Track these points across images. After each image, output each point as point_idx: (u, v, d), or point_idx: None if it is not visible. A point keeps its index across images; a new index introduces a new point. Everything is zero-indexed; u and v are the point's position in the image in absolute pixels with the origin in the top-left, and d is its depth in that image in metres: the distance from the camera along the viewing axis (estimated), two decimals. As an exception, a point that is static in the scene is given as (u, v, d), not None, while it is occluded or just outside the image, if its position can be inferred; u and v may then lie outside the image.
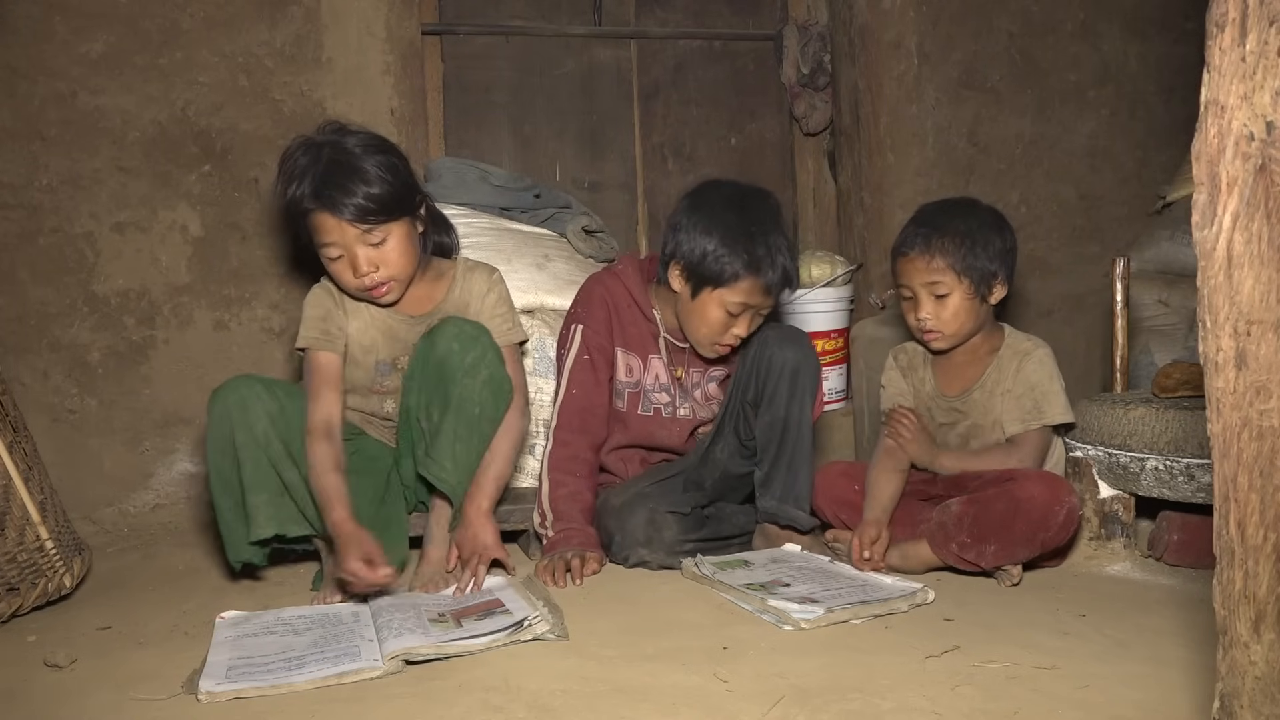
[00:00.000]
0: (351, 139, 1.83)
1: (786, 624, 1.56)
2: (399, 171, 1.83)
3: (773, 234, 1.92)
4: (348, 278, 1.83)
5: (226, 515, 1.78)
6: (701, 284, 1.93)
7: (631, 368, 2.07)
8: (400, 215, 1.83)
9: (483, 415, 1.81)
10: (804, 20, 3.08)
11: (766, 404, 1.94)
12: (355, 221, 1.78)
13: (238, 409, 1.74)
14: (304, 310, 1.90)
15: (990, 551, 1.79)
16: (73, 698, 1.38)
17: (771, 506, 1.95)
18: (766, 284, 1.91)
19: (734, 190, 2.00)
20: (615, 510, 1.94)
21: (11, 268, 2.33)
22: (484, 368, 1.81)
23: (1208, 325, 0.90)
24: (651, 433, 2.09)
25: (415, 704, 1.31)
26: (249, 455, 1.73)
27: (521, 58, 2.94)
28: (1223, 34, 0.86)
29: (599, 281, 2.09)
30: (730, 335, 1.96)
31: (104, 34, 2.35)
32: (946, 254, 1.93)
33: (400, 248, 1.84)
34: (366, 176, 1.78)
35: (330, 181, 1.77)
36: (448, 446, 1.79)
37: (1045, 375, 1.96)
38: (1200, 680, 1.32)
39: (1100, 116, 3.00)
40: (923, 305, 1.97)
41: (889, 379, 2.12)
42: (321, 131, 1.86)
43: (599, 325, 2.03)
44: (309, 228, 1.83)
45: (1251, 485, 0.89)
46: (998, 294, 1.98)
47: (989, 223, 1.98)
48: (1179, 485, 1.85)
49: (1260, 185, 0.86)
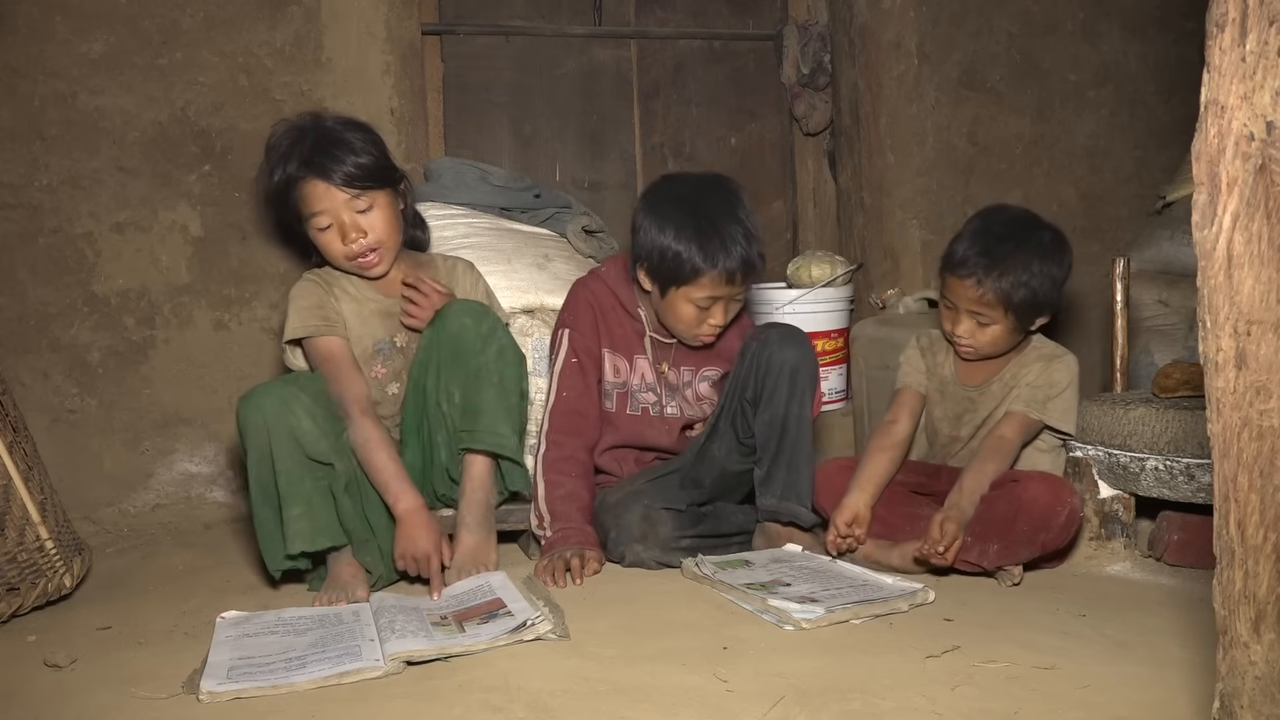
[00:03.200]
0: (329, 119, 1.95)
1: (787, 624, 1.56)
2: (380, 145, 1.95)
3: (726, 224, 1.93)
4: (336, 246, 1.89)
5: (268, 525, 1.76)
6: (667, 283, 1.97)
7: (619, 368, 2.08)
8: (385, 185, 1.92)
9: (504, 383, 1.85)
10: (804, 20, 3.08)
11: (766, 402, 1.94)
12: (345, 185, 1.86)
13: (275, 412, 1.72)
14: (292, 303, 1.92)
15: (992, 551, 1.79)
16: (73, 698, 1.38)
17: (772, 504, 1.95)
18: (728, 275, 1.93)
19: (686, 185, 2.02)
20: (611, 507, 1.95)
21: (11, 268, 2.33)
22: (495, 339, 1.86)
23: (1208, 325, 0.90)
24: (641, 432, 2.10)
25: (415, 704, 1.31)
26: (284, 465, 1.72)
27: (521, 58, 2.94)
28: (1223, 34, 0.86)
29: (583, 285, 2.11)
30: (708, 326, 2.00)
31: (104, 34, 2.35)
32: (1001, 292, 1.89)
33: (385, 216, 1.91)
34: (353, 146, 1.88)
35: (320, 150, 1.86)
36: (499, 414, 1.83)
37: (1066, 380, 1.95)
38: (1200, 680, 1.32)
39: (1100, 116, 3.00)
40: (962, 323, 1.95)
41: (907, 357, 2.10)
42: (300, 117, 1.96)
43: (585, 328, 2.05)
44: (297, 201, 1.89)
45: (1251, 485, 0.89)
46: (1039, 323, 1.98)
47: (1050, 254, 1.91)
48: (1179, 485, 1.85)
49: (1260, 185, 0.86)
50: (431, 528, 1.78)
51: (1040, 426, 1.97)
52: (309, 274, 1.97)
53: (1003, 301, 1.90)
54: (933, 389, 2.07)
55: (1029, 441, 1.98)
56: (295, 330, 1.89)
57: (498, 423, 1.83)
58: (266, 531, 1.77)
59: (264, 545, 1.78)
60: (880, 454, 1.98)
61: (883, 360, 2.49)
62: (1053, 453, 2.01)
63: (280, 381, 1.80)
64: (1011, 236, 1.92)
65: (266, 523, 1.76)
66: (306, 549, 1.74)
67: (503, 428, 1.83)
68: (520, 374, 1.90)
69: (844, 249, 3.08)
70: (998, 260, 1.89)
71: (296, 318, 1.90)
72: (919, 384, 2.07)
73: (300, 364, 1.96)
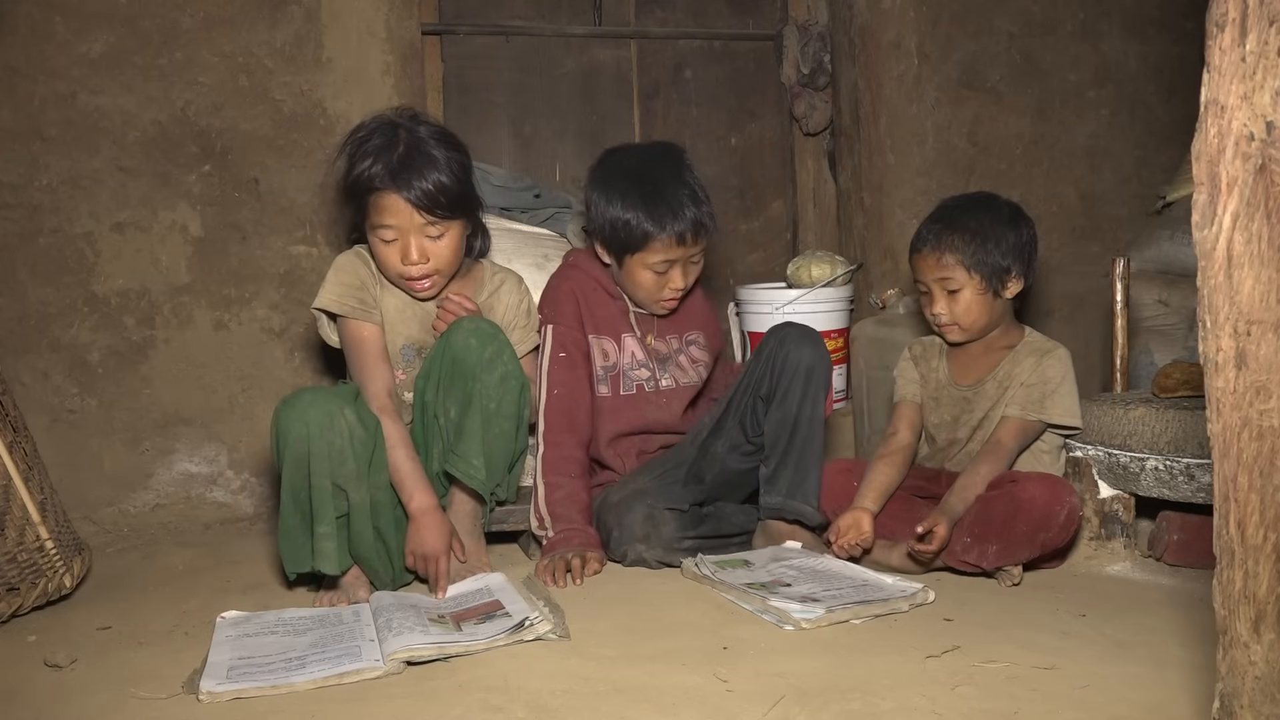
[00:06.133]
0: (424, 128, 1.87)
1: (787, 624, 1.56)
2: (468, 171, 1.89)
3: (671, 186, 1.97)
4: (394, 261, 1.85)
5: (294, 533, 1.73)
6: (622, 253, 2.00)
7: (607, 351, 2.09)
8: (461, 215, 1.88)
9: (499, 411, 1.82)
10: (804, 20, 3.08)
11: (779, 401, 1.94)
12: (421, 209, 1.81)
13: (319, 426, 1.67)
14: (333, 272, 1.89)
15: (992, 552, 1.79)
16: (73, 698, 1.38)
17: (777, 501, 1.95)
18: (679, 236, 1.96)
19: (630, 157, 2.07)
20: (614, 506, 1.95)
21: (11, 268, 2.33)
22: (499, 364, 1.82)
23: (1208, 325, 0.90)
24: (641, 412, 2.10)
25: (415, 704, 1.31)
26: (319, 482, 1.68)
27: (521, 58, 2.94)
28: (1223, 34, 0.86)
29: (560, 276, 2.13)
30: (669, 290, 2.03)
31: (104, 34, 2.35)
32: (955, 250, 1.95)
33: (452, 246, 1.88)
34: (440, 166, 1.82)
35: (408, 165, 1.80)
36: (476, 444, 1.80)
37: (1059, 375, 1.96)
38: (1200, 680, 1.32)
39: (1100, 116, 3.00)
40: (936, 301, 1.99)
41: (900, 369, 2.13)
42: (398, 114, 1.89)
43: (569, 320, 2.05)
44: (368, 207, 1.84)
45: (1251, 485, 0.89)
46: (1013, 288, 1.99)
47: (1003, 217, 1.99)
48: (1179, 485, 1.85)
49: (1260, 185, 0.86)
50: (443, 528, 1.78)
51: (1041, 427, 1.97)
52: (361, 249, 1.93)
53: (959, 259, 1.95)
54: (928, 395, 2.08)
55: (1032, 442, 1.98)
56: (329, 303, 1.87)
57: (474, 453, 1.80)
58: (291, 537, 1.73)
59: (284, 547, 1.75)
60: (881, 462, 1.98)
61: (883, 360, 2.49)
62: (1054, 453, 2.01)
63: (327, 394, 1.74)
64: (960, 208, 2.02)
65: (293, 530, 1.73)
66: (332, 572, 1.72)
67: (477, 460, 1.80)
68: (522, 400, 1.86)
69: (844, 249, 3.08)
70: (948, 224, 1.98)
71: (334, 290, 1.87)
72: (914, 394, 2.09)
73: (329, 334, 1.95)
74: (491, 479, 1.83)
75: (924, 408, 2.09)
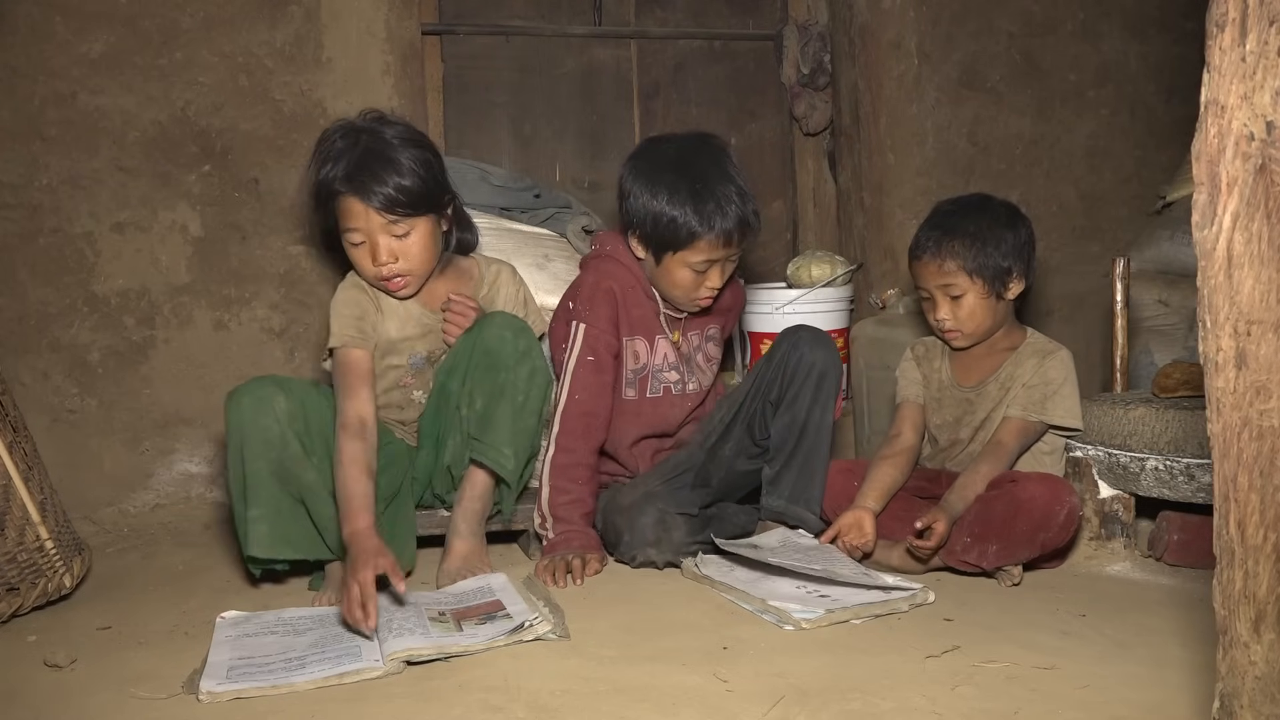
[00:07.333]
0: (390, 129, 1.86)
1: (787, 624, 1.56)
2: (432, 168, 1.86)
3: (719, 183, 1.89)
4: (366, 265, 1.85)
5: (240, 518, 1.75)
6: (662, 249, 1.92)
7: (639, 353, 2.03)
8: (427, 211, 1.86)
9: (526, 405, 1.84)
10: (804, 20, 3.08)
11: (788, 404, 1.93)
12: (382, 210, 1.80)
13: (251, 411, 1.71)
14: (334, 309, 1.89)
15: (992, 552, 1.79)
16: (73, 698, 1.38)
17: (779, 505, 1.94)
18: (725, 236, 1.90)
19: (673, 147, 1.97)
20: (624, 509, 1.92)
21: (11, 268, 2.33)
22: (530, 359, 1.84)
23: (1208, 325, 0.90)
24: (664, 415, 2.06)
25: (415, 704, 1.31)
26: (254, 467, 1.70)
27: (521, 58, 2.94)
28: (1223, 34, 0.86)
29: (601, 273, 2.01)
30: (705, 289, 1.96)
31: (104, 34, 2.35)
32: (956, 256, 1.94)
33: (422, 243, 1.86)
34: (400, 168, 1.80)
35: (364, 168, 1.79)
36: (505, 433, 1.81)
37: (1061, 376, 1.95)
38: (1200, 680, 1.32)
39: (1100, 116, 3.00)
40: (940, 307, 1.98)
41: (903, 370, 2.13)
42: (362, 118, 1.88)
43: (604, 322, 1.97)
44: (335, 211, 1.85)
45: (1251, 485, 0.89)
46: (1015, 289, 1.99)
47: (1001, 219, 1.98)
48: (1179, 485, 1.85)
49: (1260, 185, 0.86)
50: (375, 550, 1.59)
51: (1043, 428, 1.97)
52: (355, 279, 1.92)
53: (961, 264, 1.94)
54: (930, 396, 2.08)
55: (1033, 443, 1.98)
56: (337, 340, 1.86)
57: (505, 443, 1.82)
58: (240, 530, 1.76)
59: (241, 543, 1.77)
60: (884, 462, 1.98)
61: (883, 360, 2.49)
62: (1055, 454, 2.01)
63: (261, 381, 1.76)
64: (957, 212, 2.01)
65: (240, 518, 1.75)
66: (260, 555, 1.72)
67: (508, 449, 1.82)
68: (546, 396, 1.90)
69: (844, 249, 3.08)
70: (947, 230, 1.96)
71: (339, 325, 1.87)
72: (916, 395, 2.09)
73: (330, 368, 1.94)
74: (518, 471, 1.85)
75: (926, 408, 2.08)
